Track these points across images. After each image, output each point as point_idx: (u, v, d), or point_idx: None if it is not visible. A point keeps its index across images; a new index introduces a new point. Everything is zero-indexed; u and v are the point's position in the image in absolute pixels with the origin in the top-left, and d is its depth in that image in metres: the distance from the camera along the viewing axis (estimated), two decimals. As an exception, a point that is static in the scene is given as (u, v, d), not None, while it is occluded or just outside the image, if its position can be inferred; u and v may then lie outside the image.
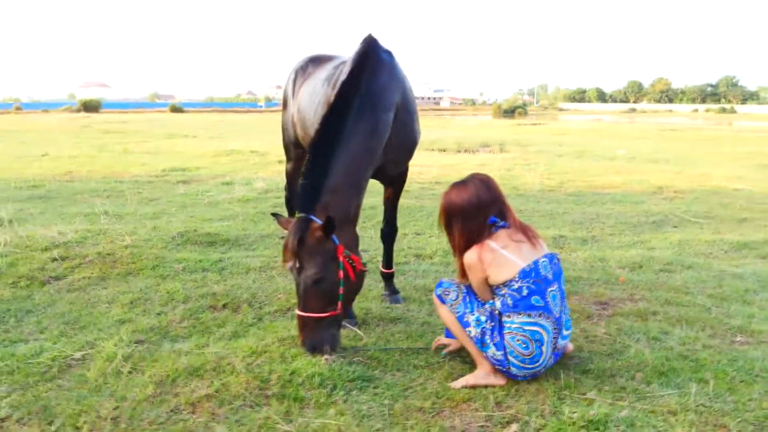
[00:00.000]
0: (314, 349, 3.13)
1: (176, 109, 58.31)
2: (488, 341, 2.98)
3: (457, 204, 3.11)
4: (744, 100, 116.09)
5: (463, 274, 3.14)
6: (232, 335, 3.63)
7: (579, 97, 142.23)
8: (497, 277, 2.98)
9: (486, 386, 2.99)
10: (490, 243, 3.02)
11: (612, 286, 4.72)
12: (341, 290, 3.14)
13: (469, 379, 3.05)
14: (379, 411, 2.75)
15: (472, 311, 3.06)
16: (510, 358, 2.94)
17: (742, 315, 4.08)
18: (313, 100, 4.20)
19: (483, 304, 3.09)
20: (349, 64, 3.65)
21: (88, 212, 7.23)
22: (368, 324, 3.87)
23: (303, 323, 3.14)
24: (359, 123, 3.36)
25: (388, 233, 4.36)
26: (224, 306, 4.16)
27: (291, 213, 5.40)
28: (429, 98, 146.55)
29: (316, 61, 4.65)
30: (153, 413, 2.69)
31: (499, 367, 2.99)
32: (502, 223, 3.10)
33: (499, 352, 2.96)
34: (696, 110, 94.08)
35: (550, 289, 3.00)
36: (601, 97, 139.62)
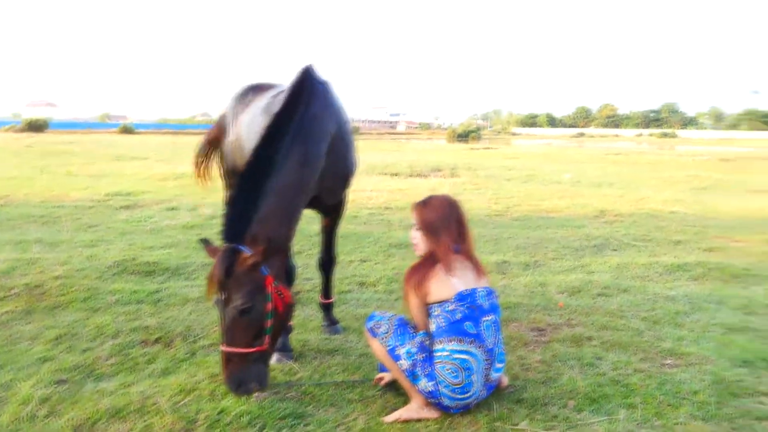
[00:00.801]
0: (239, 386, 2.95)
1: (127, 129, 57.01)
2: (419, 373, 2.96)
3: (435, 209, 3.20)
4: (684, 125, 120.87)
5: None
6: (162, 372, 3.50)
7: (531, 121, 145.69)
8: (435, 295, 3.00)
9: (419, 420, 2.96)
10: (442, 267, 3.06)
11: (550, 311, 4.77)
12: (269, 323, 3.02)
13: (401, 413, 3.01)
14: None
15: (403, 344, 3.03)
16: (441, 388, 2.92)
17: (673, 338, 4.18)
18: (251, 129, 4.15)
19: (414, 336, 3.06)
20: (284, 95, 3.63)
21: (20, 240, 6.95)
22: (305, 356, 3.80)
23: (227, 359, 2.97)
24: (291, 152, 3.32)
25: (326, 262, 4.32)
26: (156, 340, 4.02)
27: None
28: (385, 122, 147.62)
29: (256, 89, 4.62)
30: (68, 459, 2.57)
31: (431, 399, 2.96)
32: (456, 247, 3.13)
33: (430, 383, 2.94)
34: (640, 134, 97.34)
35: (484, 319, 3.01)
36: (552, 122, 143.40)
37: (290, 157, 3.31)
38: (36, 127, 50.09)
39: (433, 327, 3.03)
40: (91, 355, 3.72)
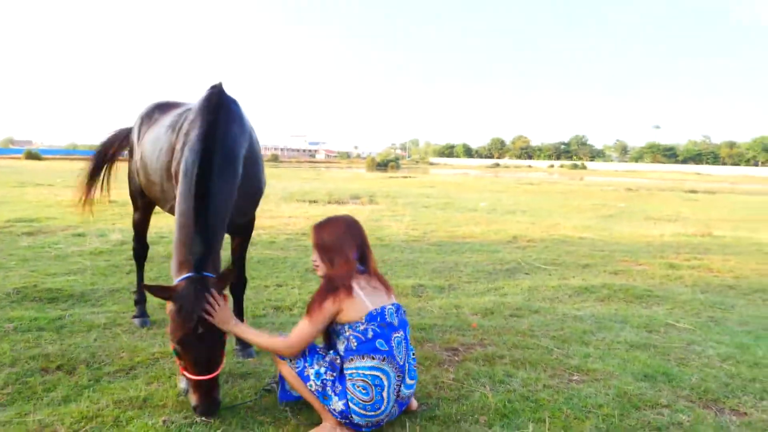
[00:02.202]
0: (215, 410, 3.10)
1: (32, 155, 54.30)
2: (330, 393, 2.94)
3: (333, 229, 3.19)
4: (592, 157, 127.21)
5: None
6: (62, 400, 3.31)
7: (448, 152, 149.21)
8: (346, 315, 2.97)
9: (332, 440, 2.94)
10: (354, 284, 3.04)
11: (464, 332, 4.87)
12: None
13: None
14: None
15: (311, 364, 2.99)
16: (351, 405, 2.90)
17: (580, 355, 4.35)
18: (155, 146, 4.08)
19: (323, 357, 3.02)
20: (199, 115, 3.54)
21: None
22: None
23: (210, 386, 3.07)
24: (222, 179, 3.34)
25: (237, 284, 4.25)
26: (58, 368, 3.80)
27: (139, 265, 5.13)
28: (304, 150, 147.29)
29: (163, 107, 4.54)
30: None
31: (342, 419, 2.95)
32: (361, 267, 3.15)
33: (340, 402, 2.92)
34: (552, 166, 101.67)
35: (395, 335, 3.04)
36: (468, 152, 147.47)
37: (222, 185, 3.33)
38: (-71, 151, 46.84)
39: (341, 347, 3.01)
40: (-15, 385, 3.48)
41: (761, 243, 11.17)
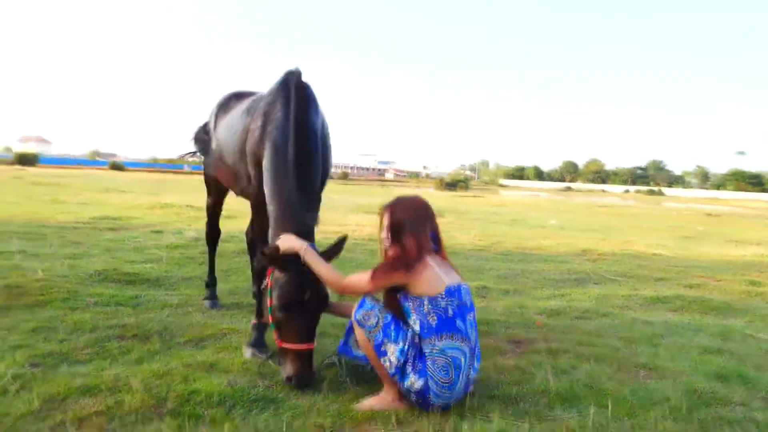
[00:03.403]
0: (311, 381, 3.22)
1: (117, 166, 57.21)
2: (409, 370, 2.91)
3: (407, 208, 3.21)
4: (670, 184, 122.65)
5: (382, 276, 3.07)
6: (136, 361, 3.49)
7: (518, 174, 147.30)
8: (427, 289, 2.95)
9: (390, 409, 2.96)
10: (428, 258, 3.06)
11: (528, 329, 4.80)
12: None
13: (374, 402, 3.01)
14: (276, 427, 2.68)
15: (396, 340, 2.93)
16: (431, 384, 2.88)
17: (648, 354, 4.21)
18: (230, 131, 4.25)
19: (407, 333, 2.96)
20: (280, 95, 3.66)
21: (2, 251, 6.92)
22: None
23: (309, 357, 3.22)
24: (315, 156, 3.56)
25: None
26: (133, 336, 4.01)
27: (211, 249, 5.34)
28: (373, 169, 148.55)
29: (239, 96, 4.74)
30: (33, 427, 2.54)
31: (416, 398, 2.92)
32: (434, 246, 3.18)
33: (420, 380, 2.89)
34: (627, 191, 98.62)
35: (468, 316, 3.04)
36: (539, 175, 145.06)
37: (315, 155, 3.55)
38: (26, 160, 50.15)
39: (418, 325, 2.97)
40: (67, 345, 3.70)
41: None
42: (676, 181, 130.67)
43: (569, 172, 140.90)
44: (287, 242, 3.21)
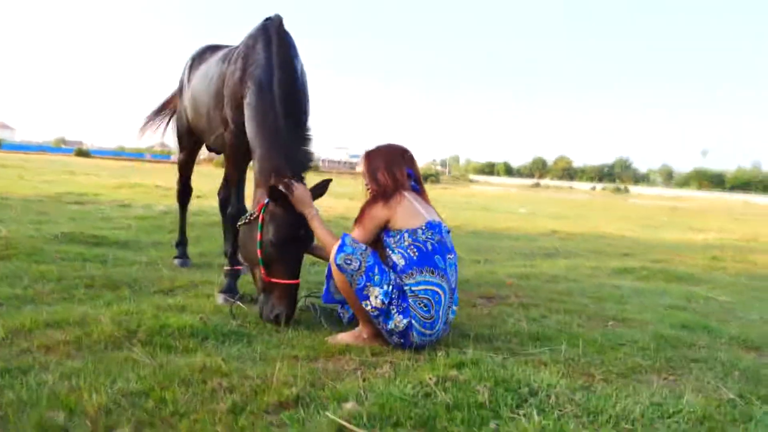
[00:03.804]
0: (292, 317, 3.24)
1: (82, 153, 56.05)
2: (393, 311, 2.89)
3: (382, 150, 3.25)
4: (636, 182, 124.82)
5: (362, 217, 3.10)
6: (105, 304, 3.42)
7: (488, 170, 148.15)
8: (407, 222, 2.97)
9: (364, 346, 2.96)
10: (405, 193, 3.08)
11: (499, 287, 4.85)
12: None
13: (348, 339, 3.01)
14: (250, 356, 2.66)
15: (380, 284, 2.88)
16: (413, 322, 2.88)
17: (616, 309, 4.29)
18: (206, 78, 4.21)
19: (389, 275, 2.93)
20: (261, 39, 3.60)
21: (-35, 216, 6.73)
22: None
23: (295, 293, 3.25)
24: (302, 94, 3.61)
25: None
26: (102, 285, 3.92)
27: (182, 206, 5.27)
28: (345, 162, 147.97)
29: (213, 48, 4.67)
30: (-1, 353, 2.48)
31: (399, 339, 2.92)
32: (414, 184, 3.20)
33: (404, 320, 2.88)
34: (594, 188, 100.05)
35: (448, 256, 3.05)
36: (509, 171, 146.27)
37: (302, 93, 3.58)
38: (-14, 147, 48.77)
39: (400, 260, 2.96)
40: (32, 290, 3.62)
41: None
42: (641, 179, 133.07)
43: (538, 169, 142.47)
44: (301, 197, 3.18)
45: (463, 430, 2.00)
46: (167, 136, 5.71)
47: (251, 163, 3.72)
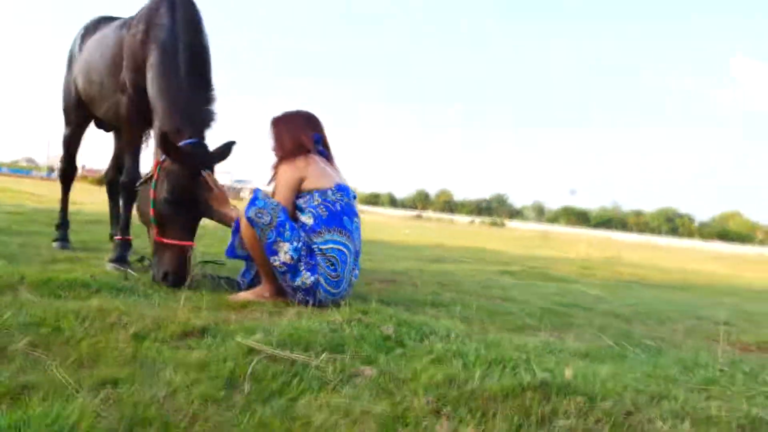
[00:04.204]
0: (184, 282, 3.11)
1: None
2: (302, 268, 2.91)
3: (287, 115, 3.28)
4: (511, 216, 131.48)
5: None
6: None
7: (373, 200, 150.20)
8: (316, 182, 3.02)
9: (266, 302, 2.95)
10: (315, 156, 3.13)
11: (395, 274, 4.99)
12: None
13: (249, 296, 3.00)
14: (147, 303, 2.58)
15: (290, 239, 2.89)
16: (321, 280, 2.92)
17: (502, 293, 4.54)
18: (101, 45, 4.06)
19: (299, 232, 2.95)
20: (163, 4, 3.55)
21: None
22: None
23: (186, 255, 3.13)
24: (207, 60, 3.56)
25: None
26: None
27: (65, 186, 4.97)
28: (230, 188, 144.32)
29: (108, 19, 4.51)
30: None
31: (304, 296, 2.93)
32: (322, 149, 3.24)
33: (312, 277, 2.91)
34: (473, 221, 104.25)
35: (355, 219, 3.12)
36: (393, 202, 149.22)
37: (206, 57, 3.53)
38: None
39: (310, 218, 3.00)
40: None
41: (662, 265, 11.93)
42: (516, 214, 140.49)
43: (421, 201, 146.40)
44: (220, 197, 3.24)
45: (372, 351, 2.05)
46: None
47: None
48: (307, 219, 3.01)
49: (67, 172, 4.98)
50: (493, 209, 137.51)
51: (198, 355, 1.85)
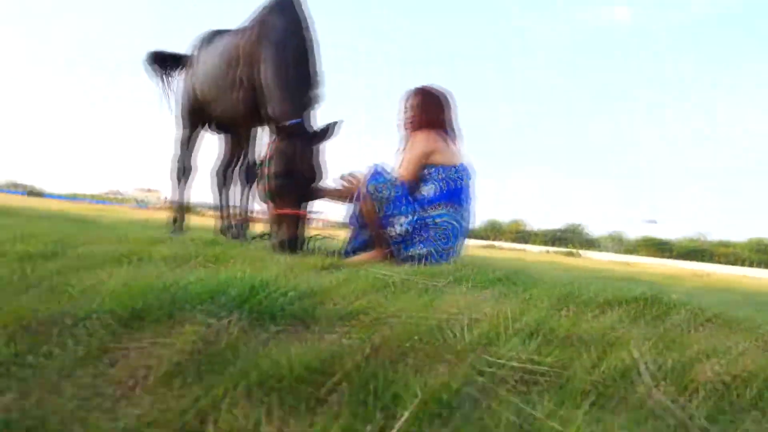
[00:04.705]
0: (301, 246, 3.46)
1: (35, 193, 54.87)
2: (415, 240, 3.18)
3: (428, 90, 3.54)
4: (587, 246, 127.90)
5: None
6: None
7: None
8: (444, 158, 3.27)
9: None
10: (447, 134, 3.41)
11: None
12: None
13: (362, 258, 3.25)
14: (258, 257, 2.89)
15: (405, 213, 3.17)
16: (432, 251, 3.17)
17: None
18: (217, 51, 4.53)
19: (414, 205, 3.22)
20: (281, 7, 3.99)
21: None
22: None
23: (302, 222, 3.47)
24: (314, 59, 3.92)
25: None
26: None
27: (182, 181, 5.41)
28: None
29: (221, 32, 4.98)
30: None
31: (418, 263, 3.08)
32: (450, 132, 3.50)
33: (424, 249, 3.17)
34: (548, 251, 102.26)
35: (470, 200, 3.39)
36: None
37: (313, 56, 3.91)
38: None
39: (431, 190, 3.26)
40: None
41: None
42: (592, 244, 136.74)
43: (493, 231, 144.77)
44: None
45: (489, 284, 2.28)
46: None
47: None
48: (427, 190, 3.27)
49: (182, 171, 5.42)
50: (568, 239, 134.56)
51: (340, 275, 2.14)
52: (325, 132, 3.68)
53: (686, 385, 1.13)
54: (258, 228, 4.45)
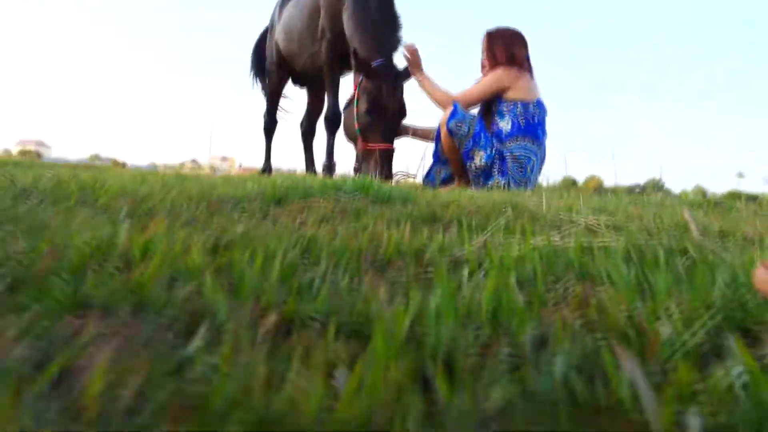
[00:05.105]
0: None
1: (118, 165, 57.71)
2: (495, 172, 3.41)
3: (501, 30, 3.72)
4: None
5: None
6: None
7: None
8: (522, 94, 3.47)
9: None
10: (524, 71, 3.59)
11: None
12: None
13: (444, 189, 3.53)
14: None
15: (485, 147, 3.38)
16: (510, 182, 3.40)
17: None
18: (298, 7, 4.81)
19: (492, 140, 3.43)
20: None
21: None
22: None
23: (392, 156, 3.72)
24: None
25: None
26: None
27: (268, 135, 5.80)
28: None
29: None
30: None
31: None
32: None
33: (503, 180, 3.40)
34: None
35: (546, 135, 3.58)
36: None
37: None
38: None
39: (508, 124, 3.47)
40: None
41: None
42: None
43: (568, 188, 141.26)
44: (414, 61, 3.75)
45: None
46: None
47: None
48: (505, 125, 3.48)
49: (270, 124, 5.80)
50: (648, 195, 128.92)
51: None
52: (408, 72, 3.93)
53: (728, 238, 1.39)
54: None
